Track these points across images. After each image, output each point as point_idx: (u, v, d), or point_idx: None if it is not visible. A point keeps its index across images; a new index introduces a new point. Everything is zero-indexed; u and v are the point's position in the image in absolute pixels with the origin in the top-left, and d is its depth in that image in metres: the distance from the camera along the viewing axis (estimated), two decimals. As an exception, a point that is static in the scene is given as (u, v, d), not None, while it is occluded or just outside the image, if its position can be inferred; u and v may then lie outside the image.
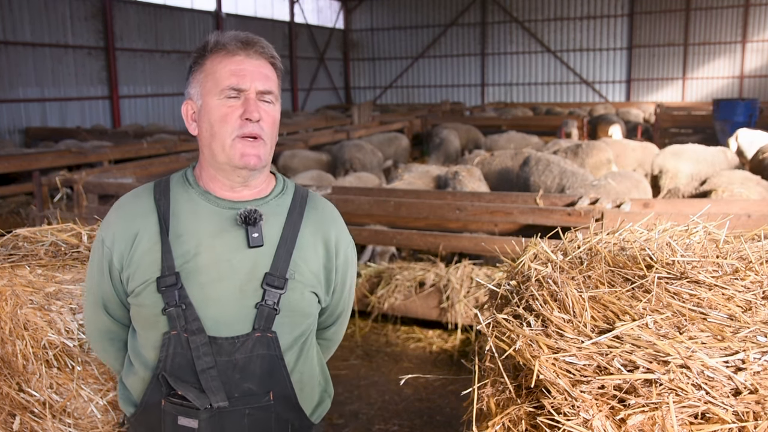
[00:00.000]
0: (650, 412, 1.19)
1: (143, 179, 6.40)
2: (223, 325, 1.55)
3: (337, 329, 1.88)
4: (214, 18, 21.48)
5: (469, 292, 5.04)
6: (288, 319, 1.59)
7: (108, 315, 1.69)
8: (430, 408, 4.03)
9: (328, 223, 1.70)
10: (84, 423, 2.19)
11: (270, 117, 1.57)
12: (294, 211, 1.64)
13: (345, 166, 9.86)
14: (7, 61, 14.81)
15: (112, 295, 1.65)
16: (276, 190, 1.67)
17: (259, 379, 1.57)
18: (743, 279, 1.62)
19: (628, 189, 6.17)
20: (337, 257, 1.70)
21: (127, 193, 1.70)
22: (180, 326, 1.53)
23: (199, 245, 1.56)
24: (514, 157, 7.96)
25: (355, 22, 29.87)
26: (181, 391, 1.53)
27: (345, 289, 1.78)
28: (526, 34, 27.20)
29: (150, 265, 1.55)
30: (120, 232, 1.60)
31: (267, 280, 1.55)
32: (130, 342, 1.68)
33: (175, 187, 1.64)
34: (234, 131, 1.52)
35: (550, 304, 1.54)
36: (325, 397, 1.80)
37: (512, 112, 19.43)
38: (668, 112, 17.38)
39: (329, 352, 1.93)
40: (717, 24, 24.44)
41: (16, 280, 2.15)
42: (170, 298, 1.52)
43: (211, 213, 1.59)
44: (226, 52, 1.54)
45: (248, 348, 1.55)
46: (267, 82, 1.56)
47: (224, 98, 1.53)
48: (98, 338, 1.74)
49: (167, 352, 1.55)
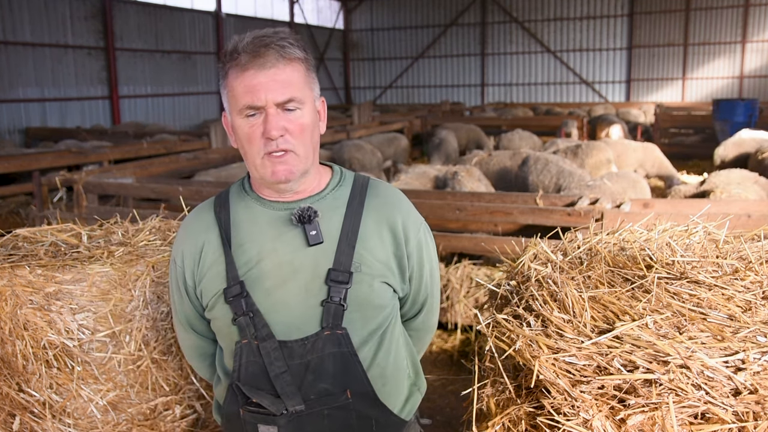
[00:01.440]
0: (650, 412, 1.19)
1: (143, 179, 6.40)
2: (293, 327, 1.53)
3: (425, 318, 1.79)
4: (214, 18, 21.47)
5: (469, 292, 5.04)
6: (358, 313, 1.55)
7: (195, 332, 1.71)
8: (430, 408, 4.03)
9: (392, 208, 1.64)
10: (84, 423, 2.18)
11: (297, 126, 1.50)
12: (354, 202, 1.60)
13: (345, 166, 9.88)
14: (7, 61, 14.80)
15: (192, 312, 1.67)
16: (332, 183, 1.63)
17: (333, 378, 1.54)
18: (743, 279, 1.62)
19: (624, 189, 6.17)
20: (408, 243, 1.63)
21: (192, 209, 1.72)
22: (250, 334, 1.52)
23: (261, 251, 1.55)
24: (512, 157, 7.96)
25: (355, 22, 29.86)
26: (256, 398, 1.52)
27: (423, 274, 1.70)
28: (526, 34, 27.19)
29: (216, 277, 1.56)
30: (188, 249, 1.62)
31: (331, 276, 1.52)
32: (218, 354, 1.70)
33: (233, 197, 1.64)
34: (260, 150, 1.49)
35: (550, 304, 1.54)
36: (415, 391, 1.75)
37: (512, 112, 19.43)
38: (668, 112, 17.38)
39: (422, 343, 1.85)
40: (717, 24, 24.43)
41: (16, 280, 2.15)
42: (238, 308, 1.53)
43: (268, 217, 1.58)
44: (239, 68, 1.47)
45: (319, 348, 1.52)
46: (286, 90, 1.47)
47: (245, 117, 1.49)
48: (191, 355, 1.78)
49: (240, 362, 1.55)
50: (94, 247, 2.40)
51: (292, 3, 26.01)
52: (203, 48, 21.02)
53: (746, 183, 6.33)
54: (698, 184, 6.80)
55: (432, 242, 1.74)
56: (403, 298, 1.70)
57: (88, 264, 2.21)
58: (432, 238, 1.75)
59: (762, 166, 7.84)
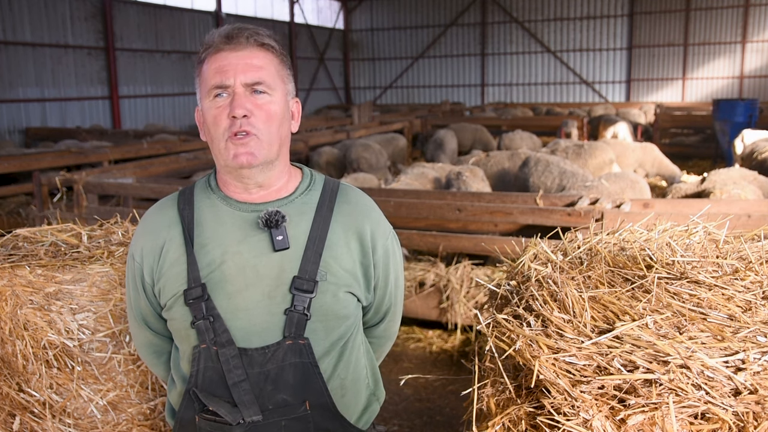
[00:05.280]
0: (650, 413, 1.19)
1: (143, 179, 6.40)
2: (253, 335, 1.48)
3: (387, 326, 1.76)
4: (214, 18, 21.48)
5: (468, 293, 5.04)
6: (321, 324, 1.51)
7: (149, 329, 1.65)
8: (430, 408, 4.03)
9: (362, 216, 1.59)
10: (84, 423, 2.19)
11: (263, 110, 1.46)
12: (322, 207, 1.55)
13: (352, 165, 9.83)
14: (7, 61, 14.81)
15: (148, 309, 1.61)
16: (302, 187, 1.58)
17: (293, 389, 1.50)
18: (743, 279, 1.62)
19: (622, 189, 6.17)
20: (375, 252, 1.58)
21: (153, 204, 1.65)
22: (209, 339, 1.47)
23: (224, 253, 1.50)
24: (510, 158, 7.95)
25: (355, 23, 29.86)
26: (213, 407, 1.48)
27: (389, 284, 1.66)
28: (526, 35, 27.19)
29: (177, 277, 1.51)
30: (148, 246, 1.56)
31: (295, 284, 1.47)
32: (173, 354, 1.64)
33: (198, 194, 1.58)
34: (225, 132, 1.45)
35: (550, 304, 1.54)
36: (373, 400, 1.70)
37: (512, 112, 19.43)
38: (668, 112, 17.37)
39: (382, 351, 1.82)
40: (717, 24, 24.43)
41: (16, 280, 2.15)
42: (198, 311, 1.47)
43: (234, 218, 1.52)
44: (212, 50, 1.47)
45: (279, 357, 1.48)
46: (256, 73, 1.45)
47: (213, 99, 1.46)
48: (145, 352, 1.72)
49: (198, 367, 1.50)
50: (94, 247, 2.40)
51: (292, 3, 26.01)
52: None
53: (743, 182, 6.35)
54: (698, 183, 6.81)
55: (399, 251, 1.71)
56: (367, 306, 1.66)
57: (88, 264, 2.21)
58: (399, 247, 1.71)
59: (763, 167, 7.81)
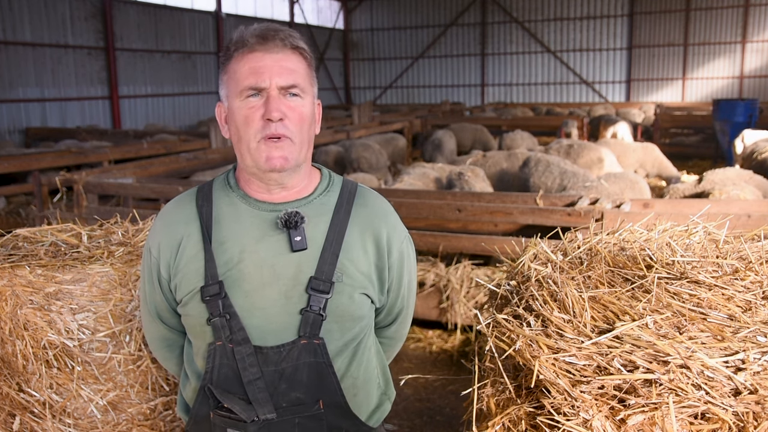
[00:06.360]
0: (650, 413, 1.19)
1: (143, 179, 6.40)
2: (269, 333, 1.50)
3: (398, 327, 1.78)
4: (214, 18, 21.47)
5: (468, 293, 5.04)
6: (336, 324, 1.53)
7: (163, 323, 1.67)
8: (430, 408, 4.03)
9: (378, 219, 1.61)
10: (84, 423, 2.19)
11: (296, 113, 1.48)
12: (340, 209, 1.56)
13: (352, 165, 9.83)
14: (7, 61, 14.80)
15: (163, 304, 1.62)
16: (320, 188, 1.60)
17: (307, 387, 1.52)
18: (743, 279, 1.62)
19: (622, 190, 6.17)
20: (390, 255, 1.61)
21: (172, 199, 1.67)
22: (225, 336, 1.49)
23: (242, 251, 1.51)
24: (508, 158, 7.94)
25: (355, 23, 29.86)
26: (227, 403, 1.49)
27: (402, 287, 1.69)
28: (526, 35, 27.19)
29: (194, 274, 1.52)
30: (165, 241, 1.57)
31: (312, 285, 1.49)
32: (186, 350, 1.66)
33: (217, 192, 1.59)
34: (257, 133, 1.46)
35: (550, 304, 1.54)
36: (384, 400, 1.72)
37: (512, 112, 19.43)
38: (668, 112, 17.38)
39: (392, 351, 1.84)
40: (717, 24, 24.43)
41: (16, 280, 2.15)
42: (214, 308, 1.49)
43: (252, 217, 1.54)
44: (246, 50, 1.46)
45: (294, 356, 1.50)
46: (290, 76, 1.47)
47: (245, 99, 1.46)
48: (157, 346, 1.73)
49: (213, 363, 1.51)
50: (94, 247, 2.40)
51: (292, 3, 26.01)
52: (203, 48, 21.02)
53: (741, 181, 6.36)
54: (696, 182, 6.82)
55: (413, 254, 1.73)
56: (380, 308, 1.68)
57: (88, 264, 2.21)
58: (414, 251, 1.74)
59: (763, 168, 7.81)
